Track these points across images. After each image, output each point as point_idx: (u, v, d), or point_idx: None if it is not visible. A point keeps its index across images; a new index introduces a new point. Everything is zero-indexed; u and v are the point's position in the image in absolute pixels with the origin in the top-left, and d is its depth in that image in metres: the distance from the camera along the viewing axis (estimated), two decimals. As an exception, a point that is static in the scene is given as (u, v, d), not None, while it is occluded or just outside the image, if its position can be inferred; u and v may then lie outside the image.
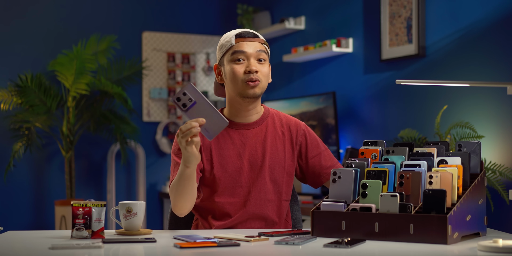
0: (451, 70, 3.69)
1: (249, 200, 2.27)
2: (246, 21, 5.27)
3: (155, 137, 5.36)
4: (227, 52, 2.26)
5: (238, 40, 2.25)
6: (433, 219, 1.80)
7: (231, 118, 2.31)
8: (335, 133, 4.31)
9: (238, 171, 2.27)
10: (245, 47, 2.24)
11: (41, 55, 5.03)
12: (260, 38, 2.28)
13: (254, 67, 2.22)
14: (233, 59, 2.24)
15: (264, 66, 2.25)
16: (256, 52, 2.24)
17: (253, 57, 2.24)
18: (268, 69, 2.27)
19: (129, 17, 5.33)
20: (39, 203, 5.03)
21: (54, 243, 1.83)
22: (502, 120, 3.40)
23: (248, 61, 2.24)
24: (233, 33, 2.28)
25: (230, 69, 2.25)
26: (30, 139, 4.70)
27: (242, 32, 2.27)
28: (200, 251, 1.79)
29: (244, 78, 2.22)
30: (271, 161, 2.29)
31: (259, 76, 2.23)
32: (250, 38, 2.26)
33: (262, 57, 2.25)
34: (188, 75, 5.45)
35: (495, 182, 3.26)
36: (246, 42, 2.25)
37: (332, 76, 4.64)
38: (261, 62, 2.25)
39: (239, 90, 2.24)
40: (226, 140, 2.28)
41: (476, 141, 2.09)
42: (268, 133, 2.31)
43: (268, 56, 2.29)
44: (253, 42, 2.25)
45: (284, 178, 2.31)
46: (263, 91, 2.27)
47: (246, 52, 2.24)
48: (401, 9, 4.01)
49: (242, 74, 2.23)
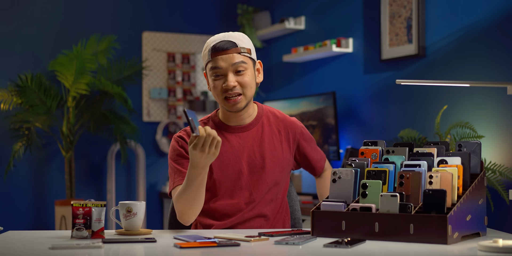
0: (451, 70, 3.69)
1: (250, 201, 2.27)
2: (246, 21, 5.27)
3: (155, 137, 5.36)
4: (207, 64, 2.25)
5: (213, 55, 2.21)
6: (433, 219, 1.80)
7: (225, 122, 2.31)
8: (335, 133, 4.31)
9: (237, 174, 2.27)
10: (220, 63, 2.20)
11: (41, 55, 5.03)
12: (238, 47, 2.21)
13: (231, 82, 2.19)
14: (212, 74, 2.22)
15: (244, 76, 2.21)
16: (232, 66, 2.20)
17: (230, 70, 2.20)
18: (249, 78, 2.22)
19: (129, 17, 5.33)
20: (39, 203, 5.03)
21: (54, 243, 1.83)
22: (502, 120, 3.40)
23: (225, 77, 2.20)
24: (211, 44, 2.22)
25: (211, 82, 2.24)
26: (30, 139, 4.70)
27: (217, 45, 2.20)
28: (200, 251, 1.79)
29: (223, 94, 2.21)
30: (271, 162, 2.29)
31: (238, 89, 2.21)
32: (226, 51, 2.19)
33: (240, 68, 2.20)
34: (188, 75, 5.45)
35: (495, 182, 3.26)
36: (221, 56, 2.20)
37: (332, 76, 4.64)
38: (240, 73, 2.21)
39: (222, 105, 2.25)
40: (225, 144, 2.28)
41: (476, 141, 2.08)
42: (265, 133, 2.31)
43: (250, 61, 2.24)
44: (229, 54, 2.20)
45: (283, 177, 2.31)
46: (249, 100, 2.25)
47: (222, 68, 2.20)
48: (401, 9, 4.01)
49: (220, 90, 2.21)
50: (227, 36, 2.23)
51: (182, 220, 2.19)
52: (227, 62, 2.19)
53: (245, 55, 2.23)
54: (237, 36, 2.24)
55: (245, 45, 2.24)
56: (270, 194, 2.29)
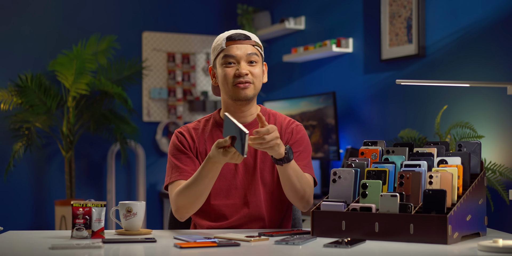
0: (451, 70, 3.69)
1: (245, 202, 2.27)
2: (246, 21, 5.27)
3: (155, 137, 5.36)
4: (218, 55, 2.27)
5: (228, 43, 2.25)
6: (433, 219, 1.80)
7: None
8: (335, 133, 4.31)
9: (232, 173, 2.27)
10: (235, 51, 2.24)
11: (41, 55, 5.03)
12: (252, 40, 2.27)
13: (244, 70, 2.22)
14: (224, 62, 2.24)
15: (255, 67, 2.25)
16: (247, 55, 2.24)
17: (244, 60, 2.24)
18: (260, 70, 2.27)
19: (129, 17, 5.33)
20: (39, 203, 5.03)
21: (54, 243, 1.83)
22: (502, 120, 3.40)
23: (238, 64, 2.23)
24: (224, 35, 2.27)
25: (221, 72, 2.25)
26: (30, 139, 4.70)
27: (233, 34, 2.26)
28: (200, 251, 1.79)
29: (234, 81, 2.23)
30: (261, 162, 2.28)
31: (250, 78, 2.23)
32: (241, 41, 2.25)
33: (253, 59, 2.25)
34: (188, 75, 5.45)
35: (495, 182, 3.26)
36: (236, 45, 2.24)
37: (332, 76, 4.64)
38: (252, 64, 2.25)
39: (230, 93, 2.24)
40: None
41: (476, 141, 2.09)
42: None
43: (261, 57, 2.29)
44: (244, 44, 2.25)
45: (274, 178, 2.29)
46: (256, 92, 2.27)
47: (236, 55, 2.23)
48: (401, 9, 4.01)
49: (232, 77, 2.23)
50: (241, 31, 2.29)
51: (180, 215, 2.19)
52: (242, 51, 2.24)
53: (258, 49, 2.28)
54: (250, 33, 2.31)
55: (258, 41, 2.31)
56: (264, 195, 2.28)
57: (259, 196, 2.27)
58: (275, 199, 2.30)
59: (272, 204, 2.30)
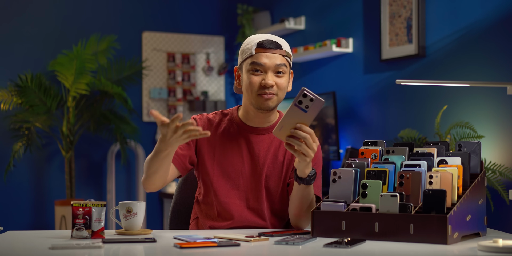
0: (451, 70, 3.69)
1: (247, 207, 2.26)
2: (246, 21, 5.27)
3: (155, 137, 5.36)
4: (246, 59, 2.22)
5: (258, 50, 2.19)
6: (433, 219, 1.80)
7: (243, 119, 2.29)
8: (335, 133, 4.31)
9: (237, 173, 2.26)
10: (263, 60, 2.18)
11: (41, 55, 5.03)
12: (283, 50, 2.21)
13: (270, 81, 2.17)
14: (251, 69, 2.20)
15: (282, 78, 2.20)
16: (275, 66, 2.19)
17: (271, 70, 2.19)
18: (286, 81, 2.22)
19: (129, 17, 5.33)
20: (39, 203, 5.03)
21: (54, 243, 1.83)
22: (502, 120, 3.40)
23: (265, 74, 2.19)
24: (256, 40, 2.21)
25: (246, 78, 2.21)
26: (30, 139, 4.70)
27: (264, 41, 2.20)
28: (200, 251, 1.79)
29: (259, 90, 2.19)
30: (268, 170, 2.26)
31: (274, 90, 2.19)
32: (271, 50, 2.19)
33: (281, 70, 2.19)
34: (188, 75, 5.45)
35: (495, 182, 3.26)
36: (266, 53, 2.19)
37: (332, 76, 4.64)
38: (279, 75, 2.20)
39: (252, 101, 2.21)
40: (232, 141, 2.27)
41: (476, 141, 2.08)
42: (274, 142, 2.28)
43: (289, 67, 2.23)
44: (274, 54, 2.19)
45: (279, 188, 2.27)
46: (279, 103, 2.23)
47: (265, 64, 2.18)
48: (401, 9, 4.01)
49: (257, 86, 2.19)
50: (273, 37, 2.23)
51: (144, 186, 2.20)
52: (271, 61, 2.19)
53: (287, 59, 2.23)
54: (282, 40, 2.25)
55: (288, 50, 2.25)
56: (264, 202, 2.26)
57: (260, 202, 2.26)
58: (277, 208, 2.29)
59: (274, 213, 2.29)
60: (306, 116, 1.94)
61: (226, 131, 2.28)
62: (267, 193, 2.26)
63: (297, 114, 1.95)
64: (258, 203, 2.25)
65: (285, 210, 2.30)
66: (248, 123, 2.29)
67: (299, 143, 1.96)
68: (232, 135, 2.28)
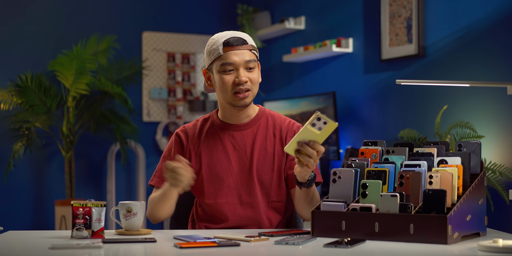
0: (451, 70, 3.69)
1: (241, 202, 2.26)
2: (246, 21, 5.27)
3: (155, 137, 5.36)
4: (215, 60, 2.23)
5: (226, 49, 2.20)
6: (433, 219, 1.80)
7: (223, 119, 2.32)
8: (335, 133, 4.31)
9: (226, 173, 2.26)
10: (233, 58, 2.20)
11: (41, 55, 5.03)
12: (249, 44, 2.23)
13: (243, 77, 2.20)
14: (222, 70, 2.21)
15: (253, 73, 2.23)
16: (245, 62, 2.21)
17: (242, 66, 2.21)
18: (257, 75, 2.25)
19: (129, 17, 5.33)
20: (39, 203, 5.03)
21: (54, 243, 1.83)
22: (502, 120, 3.40)
23: (237, 71, 2.21)
24: (221, 40, 2.22)
25: (219, 78, 2.22)
26: (30, 139, 4.70)
27: (230, 39, 2.21)
28: (200, 251, 1.79)
29: (233, 89, 2.21)
30: (258, 163, 2.27)
31: (249, 85, 2.22)
32: (238, 46, 2.21)
33: (251, 65, 2.22)
34: (188, 75, 5.45)
35: (495, 182, 3.26)
36: (234, 51, 2.20)
37: (332, 76, 4.64)
38: (251, 70, 2.22)
39: (229, 100, 2.23)
40: (216, 142, 2.29)
41: (476, 141, 2.08)
42: (259, 135, 2.29)
43: (257, 60, 2.26)
44: (242, 50, 2.21)
45: (273, 179, 2.28)
46: (254, 97, 2.26)
47: (235, 62, 2.20)
48: (401, 9, 4.01)
49: (231, 85, 2.21)
50: (236, 33, 2.24)
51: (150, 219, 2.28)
52: (240, 58, 2.20)
53: (254, 53, 2.25)
54: (244, 34, 2.27)
55: (253, 43, 2.27)
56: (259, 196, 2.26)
57: (254, 197, 2.26)
58: (273, 200, 2.29)
59: (271, 206, 2.28)
60: (318, 136, 1.95)
61: (210, 135, 2.31)
62: (261, 187, 2.27)
63: (309, 133, 1.95)
64: (251, 197, 2.26)
65: (283, 203, 2.30)
66: (229, 121, 2.31)
67: (308, 159, 1.97)
68: (216, 137, 2.30)
